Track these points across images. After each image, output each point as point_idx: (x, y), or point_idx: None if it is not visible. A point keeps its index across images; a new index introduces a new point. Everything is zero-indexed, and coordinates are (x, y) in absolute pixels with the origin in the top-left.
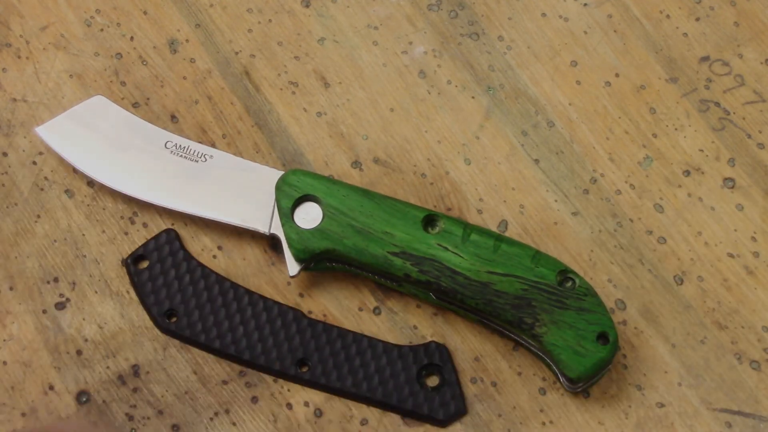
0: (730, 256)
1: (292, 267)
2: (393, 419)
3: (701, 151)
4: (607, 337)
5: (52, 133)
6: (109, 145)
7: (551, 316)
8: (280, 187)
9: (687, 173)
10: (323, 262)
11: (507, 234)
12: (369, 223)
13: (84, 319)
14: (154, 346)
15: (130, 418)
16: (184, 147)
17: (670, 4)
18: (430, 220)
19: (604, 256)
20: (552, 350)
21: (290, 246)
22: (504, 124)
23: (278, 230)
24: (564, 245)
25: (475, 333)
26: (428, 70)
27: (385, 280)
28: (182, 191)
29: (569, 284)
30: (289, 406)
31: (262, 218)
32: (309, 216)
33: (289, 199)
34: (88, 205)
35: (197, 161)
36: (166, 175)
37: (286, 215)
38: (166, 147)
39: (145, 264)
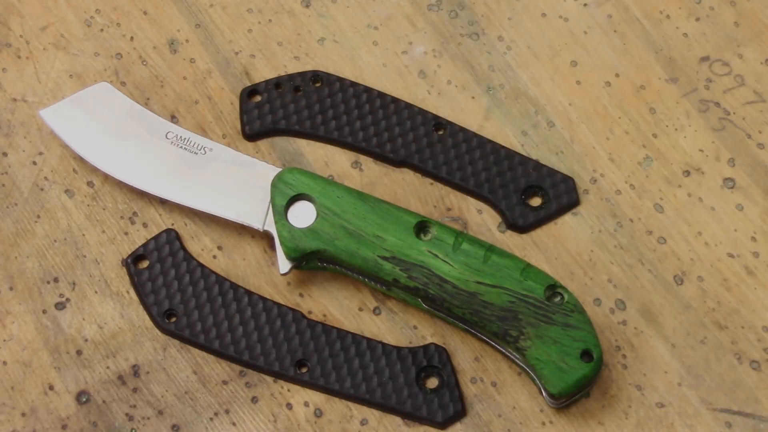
0: (730, 256)
1: (283, 265)
2: (393, 419)
3: (701, 151)
4: (591, 354)
5: (55, 117)
6: (111, 133)
7: (537, 330)
8: (276, 184)
9: (687, 173)
10: (314, 262)
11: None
12: (361, 226)
13: (84, 319)
14: (154, 346)
15: (130, 418)
16: (185, 138)
17: (670, 4)
18: (422, 226)
19: (604, 256)
20: (535, 365)
21: (282, 244)
22: (504, 124)
23: (272, 227)
24: (564, 245)
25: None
26: (428, 70)
27: (375, 284)
28: (180, 183)
29: (557, 299)
30: (289, 406)
31: (257, 214)
32: (303, 215)
33: (283, 197)
34: (88, 205)
35: (197, 153)
36: (165, 165)
37: (280, 213)
38: (167, 137)
39: (145, 264)
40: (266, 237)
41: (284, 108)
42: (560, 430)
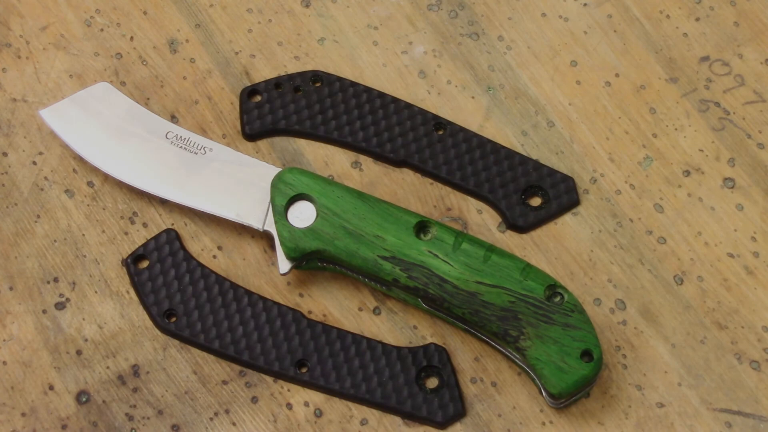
0: (730, 256)
1: (283, 265)
2: (393, 419)
3: (701, 151)
4: (591, 354)
5: (55, 116)
6: (111, 133)
7: (537, 330)
8: (276, 184)
9: (687, 173)
10: (314, 262)
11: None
12: (361, 226)
13: (84, 319)
14: (154, 346)
15: (130, 418)
16: (185, 138)
17: (670, 4)
18: (422, 226)
19: (604, 256)
20: (535, 365)
21: (282, 244)
22: (504, 124)
23: (272, 227)
24: (564, 245)
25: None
26: (428, 70)
27: (375, 284)
28: (180, 182)
29: (557, 299)
30: (289, 406)
31: (257, 214)
32: (303, 215)
33: (283, 197)
34: (88, 205)
35: (196, 153)
36: (165, 165)
37: (280, 213)
38: (166, 137)
39: (145, 264)
40: (266, 237)
41: (284, 108)
42: (560, 430)
